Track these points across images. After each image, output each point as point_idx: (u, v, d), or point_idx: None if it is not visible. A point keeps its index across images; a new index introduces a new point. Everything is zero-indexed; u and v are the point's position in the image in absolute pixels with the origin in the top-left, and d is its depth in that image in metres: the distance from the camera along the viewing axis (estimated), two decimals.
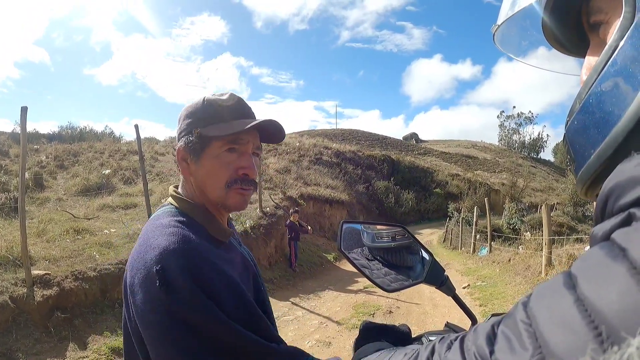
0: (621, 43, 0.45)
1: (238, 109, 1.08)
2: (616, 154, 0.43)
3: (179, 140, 1.07)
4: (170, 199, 1.10)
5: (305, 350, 0.96)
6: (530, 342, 0.34)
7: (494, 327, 0.41)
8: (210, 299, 0.84)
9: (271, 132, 1.12)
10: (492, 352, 0.39)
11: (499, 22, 0.61)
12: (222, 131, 1.01)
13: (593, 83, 0.47)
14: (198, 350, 0.82)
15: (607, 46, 0.47)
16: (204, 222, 1.03)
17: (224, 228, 1.07)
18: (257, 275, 1.14)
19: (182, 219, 0.99)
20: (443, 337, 0.53)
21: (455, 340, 0.48)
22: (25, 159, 4.96)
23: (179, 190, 1.12)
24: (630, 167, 0.38)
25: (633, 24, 0.44)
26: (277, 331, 1.02)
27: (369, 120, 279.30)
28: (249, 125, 1.01)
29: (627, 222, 0.34)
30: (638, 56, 0.42)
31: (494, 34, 0.64)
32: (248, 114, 1.09)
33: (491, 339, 0.40)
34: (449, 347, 0.49)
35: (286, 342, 0.92)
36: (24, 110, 4.74)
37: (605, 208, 0.39)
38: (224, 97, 1.07)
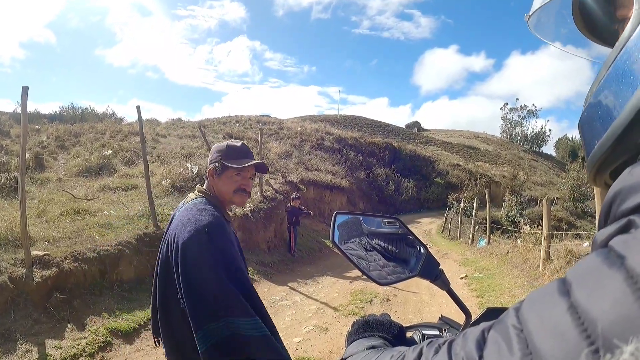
0: (629, 41, 0.45)
1: (244, 152, 1.88)
2: (615, 147, 0.44)
3: (210, 164, 1.86)
4: (197, 193, 1.84)
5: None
6: (520, 347, 0.34)
7: (484, 332, 0.41)
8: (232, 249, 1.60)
9: (260, 167, 1.91)
10: (481, 357, 0.39)
11: (532, 10, 0.64)
12: (235, 164, 1.80)
13: (602, 78, 0.48)
14: (224, 275, 1.48)
15: (617, 43, 0.47)
16: (220, 209, 1.79)
17: (229, 214, 1.88)
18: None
19: (213, 207, 1.73)
20: (431, 341, 0.52)
21: (444, 344, 0.47)
22: (25, 139, 4.93)
23: (204, 188, 1.86)
24: (637, 172, 0.38)
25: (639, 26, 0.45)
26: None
27: (377, 108, 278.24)
28: (247, 165, 1.81)
29: (626, 229, 0.34)
30: (637, 58, 0.43)
31: (527, 22, 0.67)
32: (250, 155, 1.89)
33: (481, 344, 0.40)
34: (436, 352, 0.48)
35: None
36: (24, 90, 4.71)
37: (610, 212, 0.39)
38: (238, 144, 1.90)
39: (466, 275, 8.99)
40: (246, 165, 1.80)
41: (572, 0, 0.60)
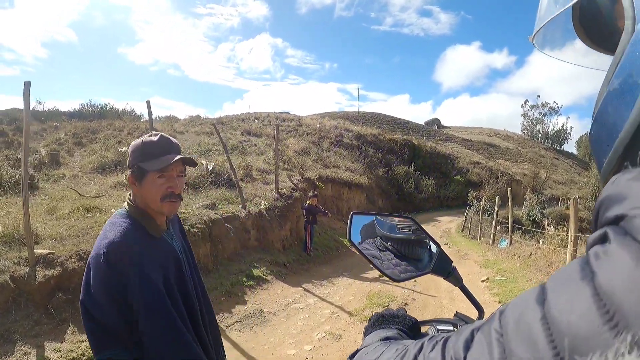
0: (623, 56, 0.44)
1: (165, 146, 1.54)
2: (621, 164, 0.43)
3: (129, 168, 1.54)
4: (125, 204, 1.57)
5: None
6: (499, 352, 0.35)
7: (473, 332, 0.42)
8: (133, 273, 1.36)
9: (188, 161, 1.60)
10: (465, 358, 0.40)
11: (535, 29, 0.63)
12: (153, 166, 1.48)
13: (603, 94, 0.47)
14: (120, 302, 1.35)
15: (613, 58, 0.46)
16: (144, 222, 1.52)
17: (158, 227, 1.56)
18: (184, 265, 1.63)
19: (129, 220, 1.49)
20: (433, 336, 0.53)
21: (441, 340, 0.48)
22: (28, 134, 4.79)
23: (132, 198, 1.57)
24: (623, 180, 0.38)
25: (630, 40, 0.43)
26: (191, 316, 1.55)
27: (397, 104, 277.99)
28: (171, 162, 1.49)
29: (603, 240, 0.35)
30: (632, 73, 0.42)
31: (533, 42, 0.66)
32: (174, 148, 1.56)
33: (468, 344, 0.41)
34: (433, 347, 0.49)
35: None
36: (27, 85, 4.59)
37: (597, 218, 0.39)
38: (155, 138, 1.54)
39: (487, 278, 8.63)
40: (167, 164, 1.49)
41: (572, 14, 0.58)
